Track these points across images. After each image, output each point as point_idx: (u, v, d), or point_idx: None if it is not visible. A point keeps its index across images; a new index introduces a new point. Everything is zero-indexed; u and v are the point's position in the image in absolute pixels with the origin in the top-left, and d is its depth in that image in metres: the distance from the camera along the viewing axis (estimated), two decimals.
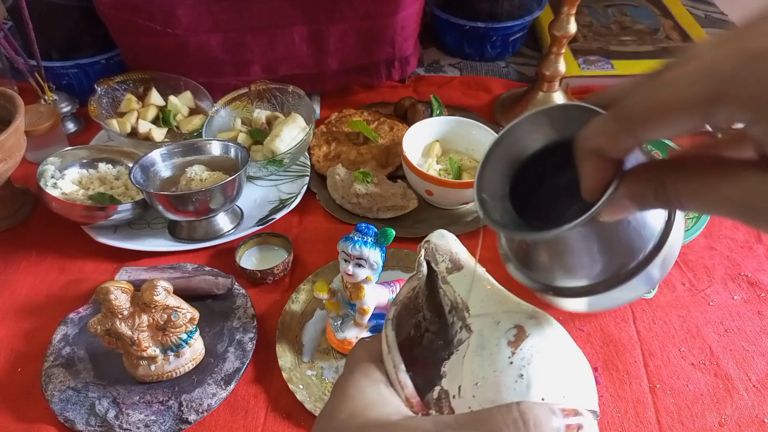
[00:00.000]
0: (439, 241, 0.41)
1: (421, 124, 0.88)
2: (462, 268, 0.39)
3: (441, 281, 0.39)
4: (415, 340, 0.41)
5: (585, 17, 1.26)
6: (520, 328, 0.33)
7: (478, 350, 0.33)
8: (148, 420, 0.60)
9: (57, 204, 0.75)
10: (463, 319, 0.36)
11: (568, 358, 0.33)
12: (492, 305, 0.36)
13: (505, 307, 0.35)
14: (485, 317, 0.35)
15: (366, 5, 0.92)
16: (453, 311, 0.37)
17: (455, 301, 0.37)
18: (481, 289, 0.38)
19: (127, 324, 0.60)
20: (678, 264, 0.78)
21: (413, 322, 0.41)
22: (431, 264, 0.40)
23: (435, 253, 0.40)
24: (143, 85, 0.95)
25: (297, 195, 0.85)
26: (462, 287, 0.38)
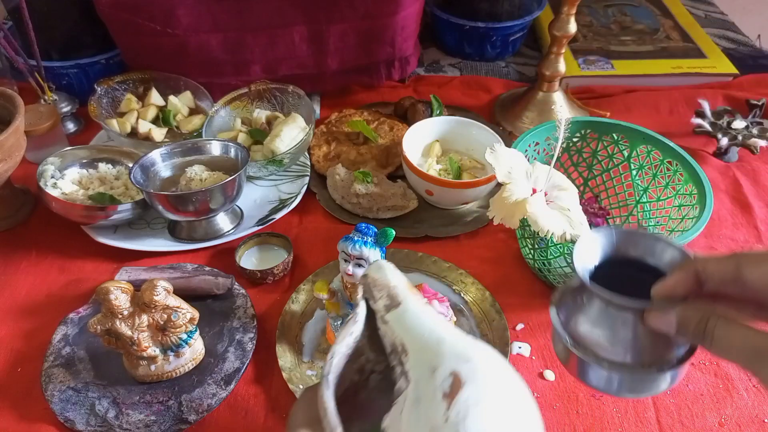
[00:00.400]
0: (376, 275, 0.39)
1: (421, 124, 0.88)
2: (400, 304, 0.37)
3: (380, 321, 0.37)
4: (360, 385, 0.39)
5: (585, 17, 1.26)
6: (455, 377, 0.31)
7: (415, 405, 0.31)
8: (148, 420, 0.60)
9: (57, 204, 0.75)
10: (402, 364, 0.34)
11: (509, 403, 0.32)
12: (430, 346, 0.34)
13: (444, 347, 0.34)
14: (423, 363, 0.33)
15: (366, 5, 0.92)
16: (393, 354, 0.36)
17: (395, 343, 0.35)
18: (420, 326, 0.35)
19: (127, 324, 0.60)
20: None
21: (356, 367, 0.39)
22: (369, 302, 0.38)
23: (372, 289, 0.38)
24: (143, 85, 0.95)
25: (297, 195, 0.85)
26: (401, 327, 0.36)
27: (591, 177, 0.82)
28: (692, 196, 0.70)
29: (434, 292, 0.67)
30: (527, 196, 0.63)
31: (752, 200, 0.87)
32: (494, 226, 0.77)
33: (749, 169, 0.92)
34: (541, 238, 0.67)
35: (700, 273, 0.39)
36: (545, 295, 0.74)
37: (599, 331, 0.43)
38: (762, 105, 0.99)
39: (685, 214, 0.70)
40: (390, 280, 0.38)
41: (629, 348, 0.42)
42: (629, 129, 0.76)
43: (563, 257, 0.68)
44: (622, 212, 0.80)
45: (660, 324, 0.39)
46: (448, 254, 0.78)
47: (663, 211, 0.75)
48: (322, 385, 0.34)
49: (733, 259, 0.38)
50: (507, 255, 0.79)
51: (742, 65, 1.12)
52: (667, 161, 0.74)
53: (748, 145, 0.91)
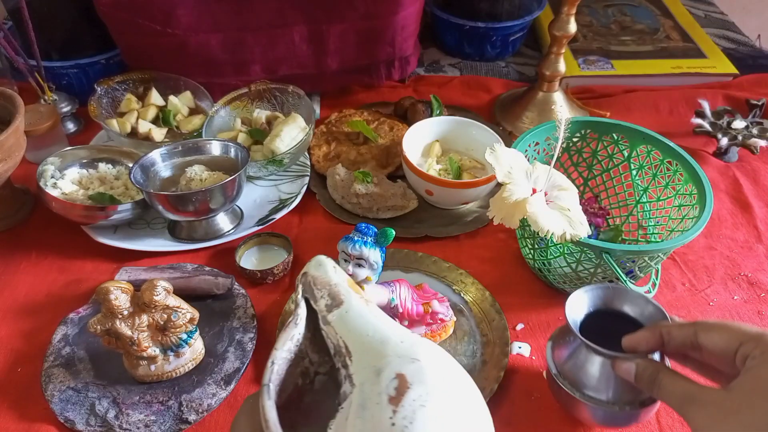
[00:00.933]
0: (316, 272, 0.38)
1: (421, 124, 0.88)
2: (342, 303, 0.36)
3: (322, 321, 0.36)
4: (305, 388, 0.38)
5: (585, 17, 1.26)
6: (401, 378, 0.30)
7: (360, 411, 0.30)
8: (148, 420, 0.60)
9: (57, 204, 0.75)
10: (346, 366, 0.33)
11: (456, 403, 0.31)
12: (375, 347, 0.33)
13: (388, 347, 0.33)
14: (367, 366, 0.32)
15: (366, 5, 0.92)
16: (337, 356, 0.35)
17: (338, 344, 0.34)
18: (363, 326, 0.34)
19: (127, 324, 0.60)
20: (678, 264, 0.79)
21: (299, 371, 0.37)
22: (310, 301, 0.37)
23: (313, 288, 0.37)
24: (143, 85, 0.95)
25: (297, 195, 0.85)
26: (343, 327, 0.35)
27: (591, 177, 0.82)
28: (692, 196, 0.70)
29: (434, 292, 0.67)
30: (527, 196, 0.63)
31: (752, 200, 0.87)
32: (494, 226, 0.77)
33: (749, 169, 0.92)
34: (541, 238, 0.67)
35: (665, 335, 0.48)
36: (545, 295, 0.74)
37: (582, 370, 0.54)
38: (762, 105, 0.99)
39: (685, 214, 0.70)
40: (331, 278, 0.37)
41: (606, 387, 0.53)
42: (629, 129, 0.76)
43: (563, 257, 0.68)
44: (622, 212, 0.80)
45: (622, 372, 0.50)
46: (448, 254, 0.78)
47: (663, 211, 0.75)
48: (263, 394, 0.32)
49: (692, 326, 0.46)
50: (507, 255, 0.79)
51: (742, 65, 1.12)
52: (667, 161, 0.74)
53: (748, 145, 0.91)
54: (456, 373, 0.32)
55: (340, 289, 0.36)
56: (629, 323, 0.56)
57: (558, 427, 0.61)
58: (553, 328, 0.70)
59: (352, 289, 0.36)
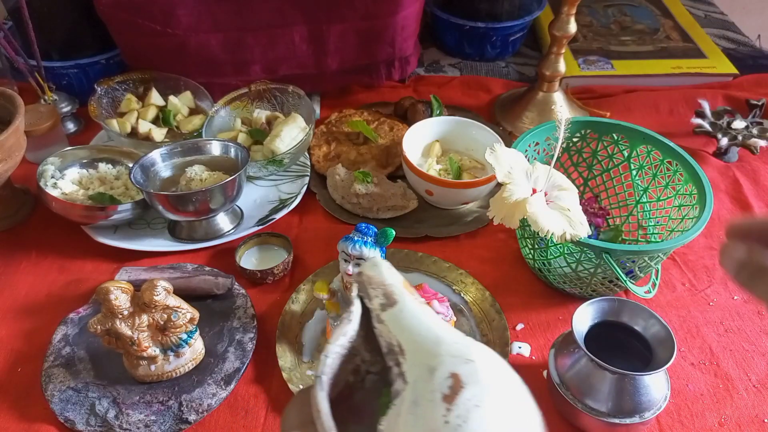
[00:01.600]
0: (371, 272, 0.37)
1: (421, 124, 0.88)
2: (396, 302, 0.36)
3: (375, 320, 0.35)
4: (356, 386, 0.38)
5: (585, 17, 1.26)
6: (455, 378, 0.30)
7: (412, 407, 0.30)
8: (148, 420, 0.60)
9: (57, 204, 0.75)
10: (399, 364, 0.33)
11: (511, 406, 0.31)
12: (428, 346, 0.33)
13: (442, 347, 0.32)
14: (420, 364, 0.32)
15: (366, 5, 0.92)
16: (390, 354, 0.34)
17: (391, 343, 0.34)
18: (417, 326, 0.34)
19: (127, 324, 0.60)
20: (678, 264, 0.79)
21: (351, 368, 0.38)
22: (364, 300, 0.37)
23: (367, 287, 0.37)
24: (143, 85, 0.95)
25: (297, 195, 0.85)
26: (397, 326, 0.35)
27: (591, 177, 0.82)
28: (692, 196, 0.70)
29: (434, 292, 0.67)
30: (527, 196, 0.63)
31: (752, 200, 0.87)
32: (494, 226, 0.77)
33: (749, 169, 0.92)
34: (541, 238, 0.67)
35: None
36: (545, 295, 0.74)
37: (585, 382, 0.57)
38: (762, 105, 0.99)
39: (685, 214, 0.70)
40: (386, 278, 0.37)
41: (607, 399, 0.56)
42: (629, 129, 0.76)
43: (563, 257, 0.68)
44: (622, 212, 0.80)
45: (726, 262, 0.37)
46: (448, 254, 0.78)
47: (663, 211, 0.75)
48: (315, 386, 0.33)
49: None
50: (507, 255, 0.79)
51: (742, 65, 1.12)
52: (667, 161, 0.74)
53: (748, 145, 0.91)
54: (510, 376, 0.32)
55: (395, 289, 0.36)
56: (633, 335, 0.58)
57: (558, 427, 0.61)
58: (553, 328, 0.70)
59: (406, 290, 0.37)
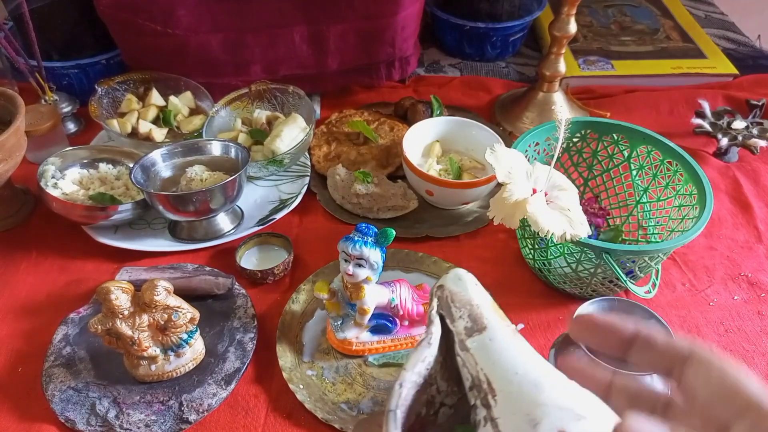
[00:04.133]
0: (455, 288, 0.32)
1: (421, 125, 0.88)
2: (486, 328, 0.30)
3: (459, 346, 0.30)
4: (428, 419, 0.33)
5: (585, 17, 1.26)
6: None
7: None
8: (148, 420, 0.60)
9: (57, 204, 0.75)
10: (488, 407, 0.27)
11: None
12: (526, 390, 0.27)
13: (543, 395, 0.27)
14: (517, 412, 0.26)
15: (366, 5, 0.92)
16: (475, 390, 0.29)
17: (477, 377, 0.29)
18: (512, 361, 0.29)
19: (128, 324, 0.60)
20: (678, 264, 0.79)
21: (424, 399, 0.32)
22: (446, 320, 0.31)
23: (450, 306, 0.31)
24: (143, 85, 0.95)
25: (297, 195, 0.85)
26: (486, 358, 0.29)
27: (591, 177, 0.82)
28: (692, 197, 0.70)
29: None
30: (527, 197, 0.63)
31: (752, 200, 0.87)
32: (494, 227, 0.77)
33: (749, 170, 0.92)
34: (542, 238, 0.67)
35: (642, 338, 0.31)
36: (545, 295, 0.74)
37: None
38: (762, 105, 0.99)
39: (685, 214, 0.70)
40: (472, 296, 0.31)
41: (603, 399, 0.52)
42: (629, 129, 0.76)
43: (563, 257, 0.68)
44: (622, 212, 0.80)
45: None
46: (448, 254, 0.78)
47: (663, 212, 0.75)
48: (388, 421, 0.28)
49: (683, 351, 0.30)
50: (507, 255, 0.79)
51: (742, 65, 1.12)
52: (667, 161, 0.74)
53: (748, 146, 0.91)
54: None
55: (483, 311, 0.31)
56: None
57: None
58: (553, 328, 0.70)
59: (496, 313, 0.31)
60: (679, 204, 0.72)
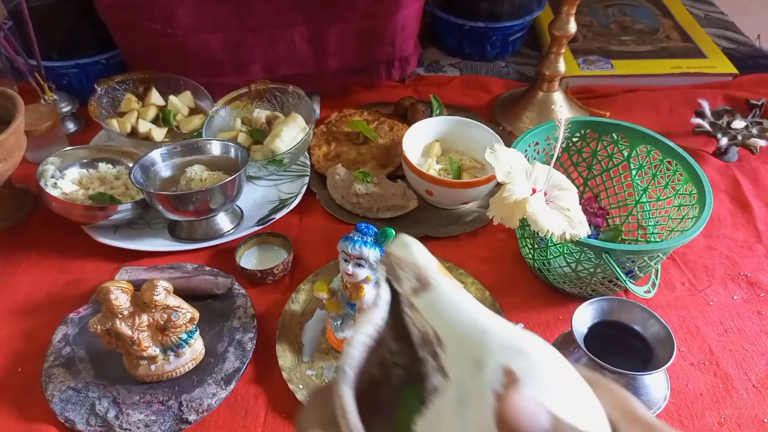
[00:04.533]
0: (401, 253, 0.33)
1: (421, 124, 0.88)
2: (431, 286, 0.31)
3: (406, 306, 0.32)
4: (381, 381, 0.34)
5: (585, 17, 1.26)
6: (509, 374, 0.26)
7: (459, 408, 0.26)
8: (148, 420, 0.60)
9: (57, 204, 0.75)
10: (436, 357, 0.29)
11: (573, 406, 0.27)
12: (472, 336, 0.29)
13: (489, 338, 0.28)
14: (464, 357, 0.28)
15: (366, 5, 0.92)
16: (424, 345, 0.31)
17: (425, 332, 0.30)
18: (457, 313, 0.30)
19: (127, 324, 0.60)
20: (678, 264, 0.79)
21: (376, 360, 0.33)
22: (393, 284, 0.33)
23: (397, 270, 0.33)
24: (143, 84, 0.95)
25: (297, 195, 0.85)
26: (433, 313, 0.31)
27: (591, 177, 0.82)
28: (692, 196, 0.70)
29: None
30: (527, 196, 0.63)
31: (752, 200, 0.87)
32: (494, 226, 0.77)
33: (749, 169, 0.92)
34: (541, 238, 0.67)
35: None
36: (545, 295, 0.74)
37: None
38: (761, 105, 0.99)
39: (685, 214, 0.70)
40: (417, 258, 0.32)
41: None
42: (629, 129, 0.76)
43: (563, 257, 0.68)
44: (621, 212, 0.80)
45: None
46: (448, 254, 0.78)
47: (663, 211, 0.75)
48: (339, 379, 0.29)
49: None
50: (507, 255, 0.79)
51: (741, 65, 1.12)
52: (667, 161, 0.74)
53: (748, 145, 0.91)
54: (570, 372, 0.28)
55: (428, 271, 0.32)
56: (633, 335, 0.57)
57: None
58: (553, 327, 0.70)
59: (442, 272, 0.32)
60: (678, 204, 0.72)
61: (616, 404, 0.28)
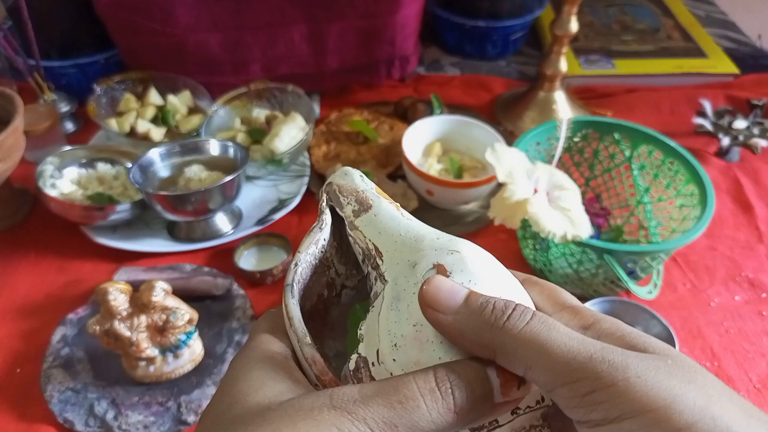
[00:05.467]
0: (342, 181, 0.35)
1: (421, 124, 0.87)
2: (371, 207, 0.33)
3: (349, 227, 0.33)
4: (331, 301, 0.36)
5: (586, 16, 1.26)
6: (440, 267, 0.28)
7: (394, 303, 0.28)
8: (147, 421, 0.60)
9: (56, 204, 0.75)
10: (377, 267, 0.31)
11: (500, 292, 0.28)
12: (408, 243, 0.31)
13: (424, 243, 0.31)
14: (401, 261, 0.30)
15: (366, 4, 0.92)
16: (366, 260, 0.32)
17: (367, 247, 0.32)
18: (395, 227, 0.32)
19: (126, 325, 0.60)
20: (679, 264, 0.78)
21: (324, 281, 0.35)
22: (336, 209, 0.35)
23: (339, 196, 0.34)
24: (142, 84, 0.94)
25: (296, 195, 0.85)
26: (373, 230, 0.33)
27: (592, 177, 0.81)
28: (694, 196, 0.69)
29: None
30: (528, 197, 0.62)
31: (753, 200, 0.87)
32: (495, 227, 0.77)
33: (750, 169, 0.92)
34: (543, 238, 0.67)
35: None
36: None
37: None
38: (763, 105, 0.99)
39: (687, 214, 0.70)
40: (358, 185, 0.34)
41: None
42: (631, 129, 0.76)
43: (564, 258, 0.68)
44: (623, 212, 0.80)
45: None
46: None
47: (664, 211, 0.74)
48: (286, 293, 0.30)
49: None
50: (508, 256, 0.79)
51: (743, 65, 1.12)
52: (669, 161, 0.73)
53: (750, 145, 0.91)
54: (497, 266, 0.30)
55: (368, 194, 0.34)
56: None
57: None
58: None
59: (381, 195, 0.34)
60: (680, 204, 0.72)
61: (545, 295, 0.30)
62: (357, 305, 0.36)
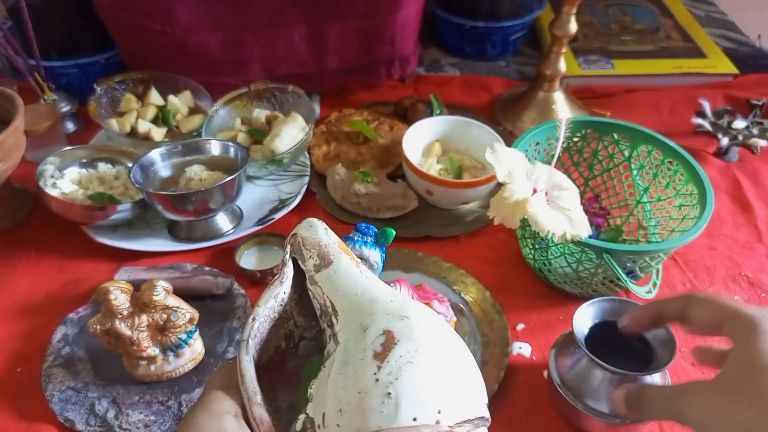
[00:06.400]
0: (306, 233, 0.37)
1: (421, 124, 0.87)
2: (331, 263, 0.34)
3: (309, 281, 0.34)
4: (288, 352, 0.36)
5: (585, 17, 1.26)
6: (388, 334, 0.28)
7: (342, 367, 0.28)
8: (147, 420, 0.60)
9: (56, 204, 0.75)
10: (332, 325, 0.31)
11: (446, 362, 0.29)
12: (363, 305, 0.31)
13: (377, 306, 0.31)
14: (354, 323, 0.30)
15: (366, 4, 0.92)
16: (323, 316, 0.33)
17: (325, 304, 0.33)
18: (352, 286, 0.33)
19: (127, 324, 0.60)
20: (678, 264, 0.78)
21: (282, 333, 0.36)
22: (298, 262, 0.35)
23: (302, 249, 0.36)
24: (142, 84, 0.94)
25: (297, 195, 0.85)
26: (331, 287, 0.33)
27: (591, 177, 0.81)
28: (693, 196, 0.69)
29: (434, 293, 0.67)
30: (528, 196, 0.62)
31: (753, 200, 0.87)
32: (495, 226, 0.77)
33: (750, 169, 0.92)
34: (542, 238, 0.67)
35: (656, 311, 0.50)
36: (546, 296, 0.74)
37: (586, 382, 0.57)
38: (762, 105, 0.99)
39: (686, 214, 0.70)
40: (321, 238, 0.36)
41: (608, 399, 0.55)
42: (630, 129, 0.76)
43: (564, 257, 0.68)
44: (622, 212, 0.80)
45: (615, 401, 0.51)
46: (448, 254, 0.78)
47: (664, 211, 0.75)
48: (240, 349, 0.31)
49: (683, 301, 0.48)
50: (507, 255, 0.79)
51: (742, 65, 1.12)
52: (668, 161, 0.73)
53: (749, 145, 0.91)
54: (447, 333, 0.31)
55: (330, 249, 0.35)
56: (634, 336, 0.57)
57: (558, 427, 0.61)
58: (553, 328, 0.70)
59: (343, 251, 0.35)
60: (679, 204, 0.72)
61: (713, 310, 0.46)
62: (315, 357, 0.36)
